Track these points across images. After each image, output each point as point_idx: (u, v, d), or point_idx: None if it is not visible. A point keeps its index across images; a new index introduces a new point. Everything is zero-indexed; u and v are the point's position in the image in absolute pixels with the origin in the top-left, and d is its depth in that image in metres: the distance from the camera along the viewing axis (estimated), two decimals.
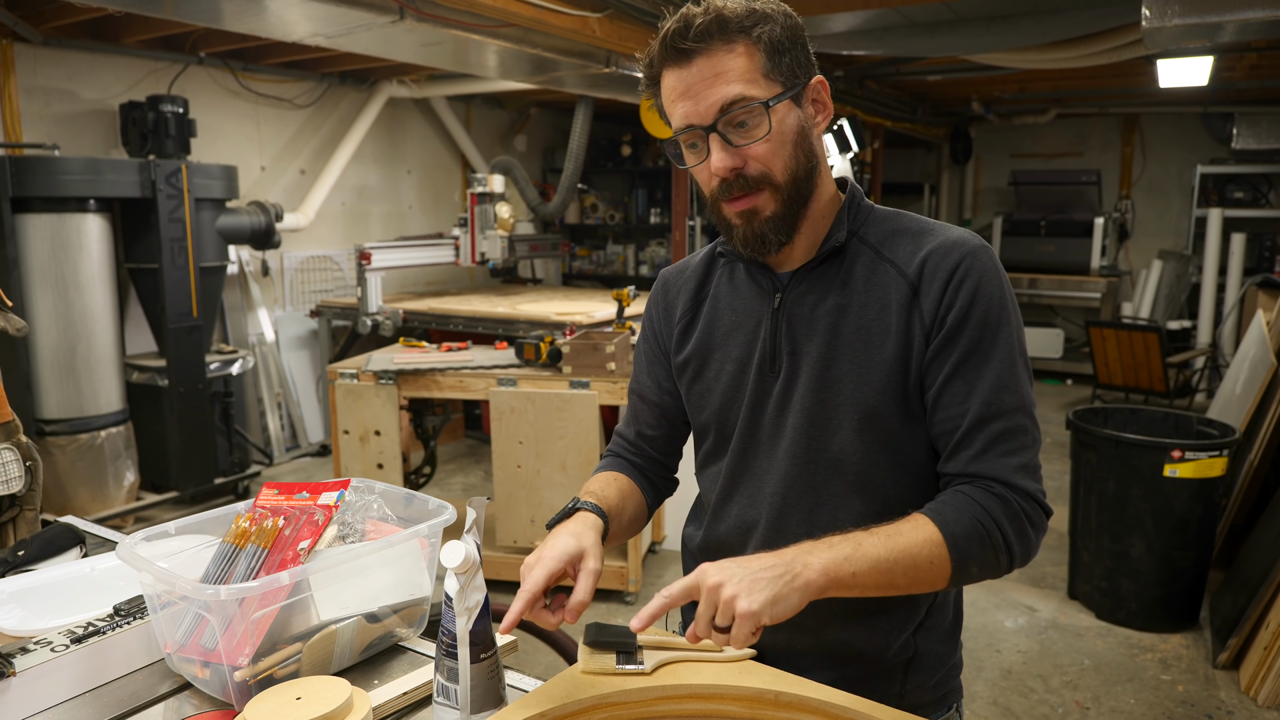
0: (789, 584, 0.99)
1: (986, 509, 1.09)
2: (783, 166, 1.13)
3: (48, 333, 4.34)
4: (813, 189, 1.18)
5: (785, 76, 1.12)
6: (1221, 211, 7.65)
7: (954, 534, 1.07)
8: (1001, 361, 1.13)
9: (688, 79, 1.11)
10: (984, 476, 1.12)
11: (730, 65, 1.09)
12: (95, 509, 4.49)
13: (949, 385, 1.13)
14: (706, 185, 1.17)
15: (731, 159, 1.12)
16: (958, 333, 1.13)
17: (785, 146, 1.13)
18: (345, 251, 6.49)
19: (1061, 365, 8.26)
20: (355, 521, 1.32)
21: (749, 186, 1.14)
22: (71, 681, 1.19)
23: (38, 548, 1.56)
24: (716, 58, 1.09)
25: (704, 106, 1.10)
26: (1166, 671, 3.30)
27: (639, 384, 1.41)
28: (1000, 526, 1.09)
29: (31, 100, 4.67)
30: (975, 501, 1.10)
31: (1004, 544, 1.09)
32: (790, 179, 1.14)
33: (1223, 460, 3.43)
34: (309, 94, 6.15)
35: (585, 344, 3.72)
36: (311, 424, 6.16)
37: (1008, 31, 4.47)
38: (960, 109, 8.70)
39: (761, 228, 1.15)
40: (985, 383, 1.12)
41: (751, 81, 1.10)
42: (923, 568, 1.06)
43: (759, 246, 1.17)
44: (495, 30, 3.73)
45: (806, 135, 1.16)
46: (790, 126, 1.13)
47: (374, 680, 1.23)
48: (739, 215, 1.16)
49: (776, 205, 1.15)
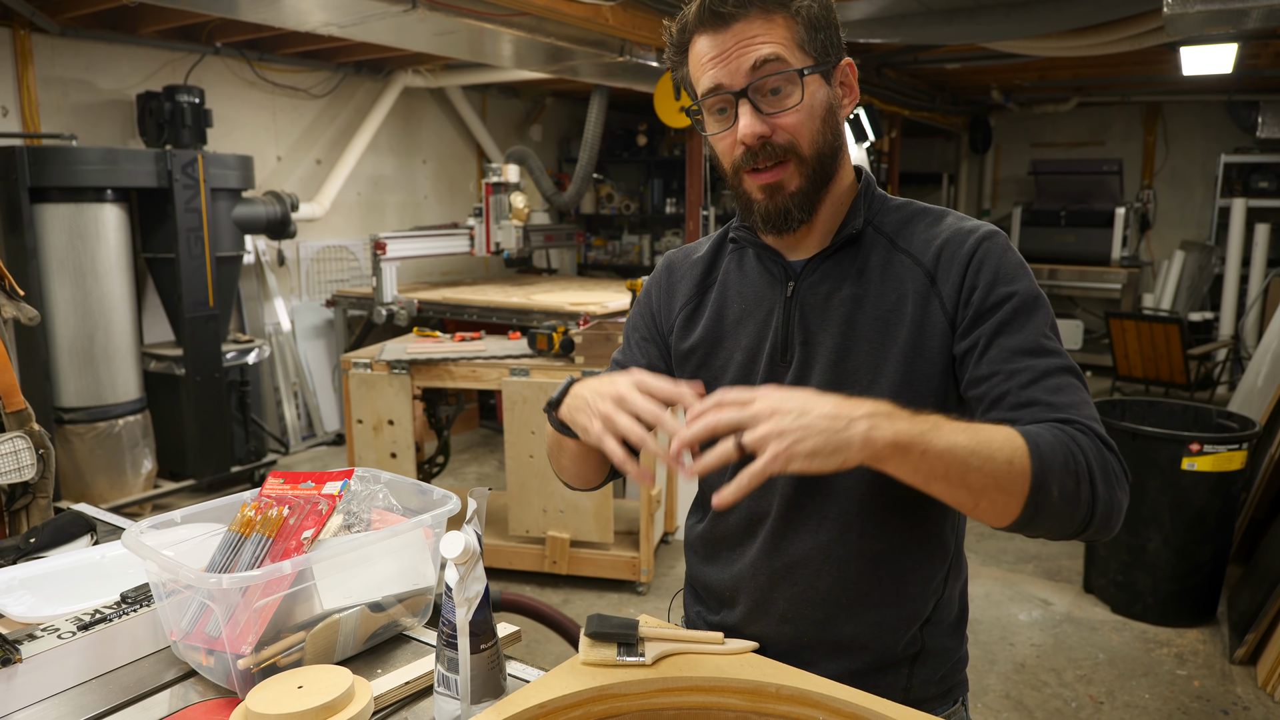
0: (844, 440, 0.91)
1: (1073, 438, 1.00)
2: (810, 139, 1.12)
3: (66, 322, 4.38)
4: (835, 169, 1.17)
5: (819, 52, 1.12)
6: (1245, 201, 7.55)
7: (1038, 445, 0.97)
8: (1038, 329, 1.09)
9: (722, 43, 1.10)
10: (1063, 419, 1.02)
11: (766, 30, 1.09)
12: (113, 497, 4.53)
13: (989, 353, 1.08)
14: (728, 155, 1.15)
15: (760, 125, 1.10)
16: (989, 308, 1.10)
17: (814, 120, 1.12)
18: (361, 241, 6.51)
19: (1081, 357, 8.18)
20: (361, 511, 1.33)
21: (775, 156, 1.12)
22: (78, 668, 1.20)
23: (49, 535, 1.58)
24: (755, 24, 1.09)
25: (736, 69, 1.09)
26: (1182, 666, 3.27)
27: (627, 358, 1.37)
28: (1087, 458, 0.99)
29: (49, 91, 4.70)
30: (1061, 430, 1.01)
31: (1089, 476, 0.99)
32: (816, 154, 1.13)
33: (1242, 454, 3.39)
34: (324, 84, 6.16)
35: (598, 334, 3.72)
36: (327, 413, 6.19)
37: (1028, 19, 4.41)
38: (979, 97, 8.62)
39: (785, 202, 1.14)
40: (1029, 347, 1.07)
41: (787, 48, 1.09)
42: (1001, 468, 0.95)
43: (781, 222, 1.15)
44: (508, 19, 3.73)
45: (834, 114, 1.15)
46: (820, 101, 1.12)
47: (377, 669, 1.23)
48: (762, 189, 1.14)
49: (801, 180, 1.13)
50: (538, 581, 3.92)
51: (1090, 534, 1.03)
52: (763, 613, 1.25)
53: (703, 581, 1.35)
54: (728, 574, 1.29)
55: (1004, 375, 1.06)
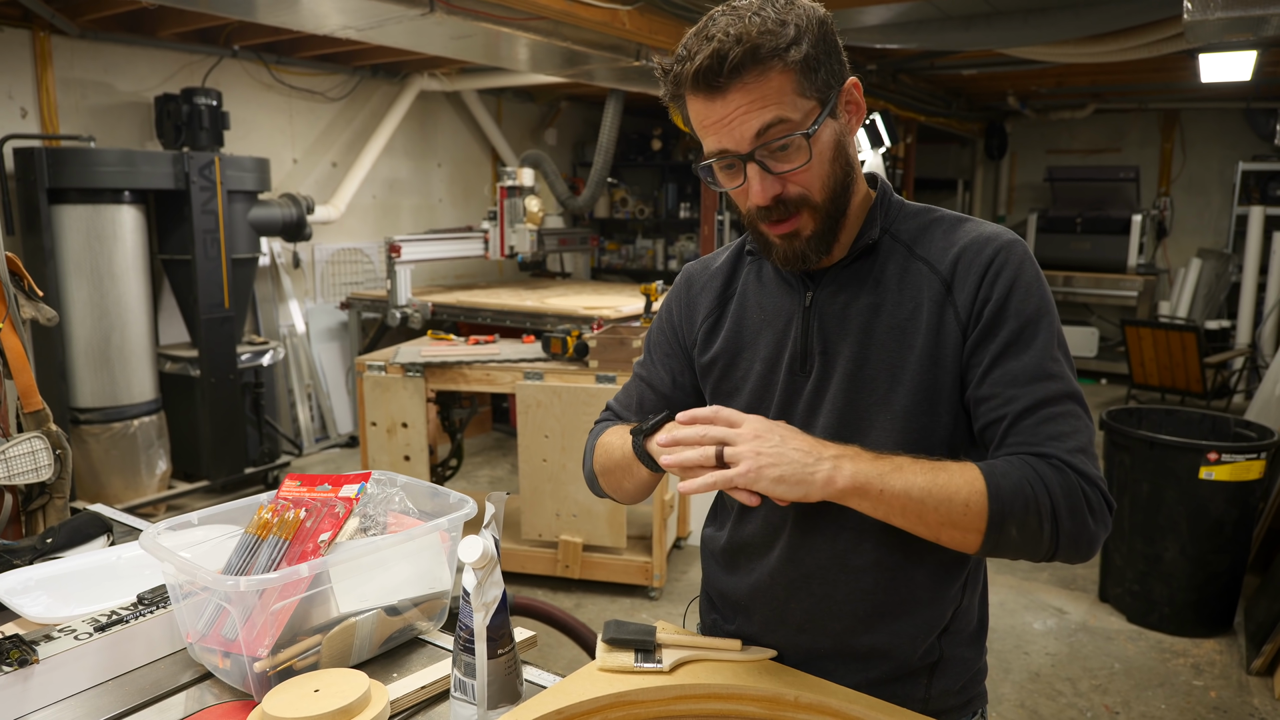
0: (809, 474, 1.01)
1: (1039, 474, 1.04)
2: (821, 186, 1.11)
3: (82, 323, 4.41)
4: (850, 198, 1.16)
5: (820, 91, 1.09)
6: (1264, 209, 7.48)
7: (998, 485, 1.02)
8: (1044, 350, 1.10)
9: (722, 109, 1.07)
10: (1045, 455, 1.06)
11: (765, 92, 1.06)
12: (128, 497, 4.55)
13: (991, 374, 1.10)
14: (743, 203, 1.15)
15: (772, 186, 1.10)
16: (997, 324, 1.10)
17: (824, 165, 1.11)
18: (375, 244, 6.53)
19: (1096, 364, 8.13)
20: (377, 514, 1.32)
21: (788, 211, 1.12)
22: (94, 669, 1.21)
23: (65, 535, 1.58)
24: (750, 87, 1.06)
25: (740, 136, 1.07)
26: (1199, 677, 3.24)
27: (650, 373, 1.38)
28: (1051, 495, 1.03)
29: (68, 92, 4.73)
30: (1029, 465, 1.05)
31: (1051, 514, 1.02)
32: (829, 197, 1.12)
33: (1260, 463, 3.35)
34: (341, 87, 6.19)
35: (612, 338, 3.72)
36: (341, 415, 6.21)
37: (1045, 25, 4.40)
38: (995, 103, 8.58)
39: (803, 248, 1.14)
40: (1030, 371, 1.08)
41: (789, 104, 1.06)
42: (957, 509, 1.02)
43: (799, 263, 1.16)
44: (525, 23, 3.73)
45: (843, 146, 1.13)
46: (827, 144, 1.11)
47: (393, 673, 1.23)
48: (780, 237, 1.15)
49: (816, 224, 1.13)
50: (550, 586, 3.91)
51: (1061, 560, 1.08)
52: (779, 622, 1.24)
53: (719, 590, 1.34)
54: (745, 583, 1.28)
55: (1002, 400, 1.09)
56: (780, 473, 1.01)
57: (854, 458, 1.04)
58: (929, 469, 1.04)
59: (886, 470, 1.03)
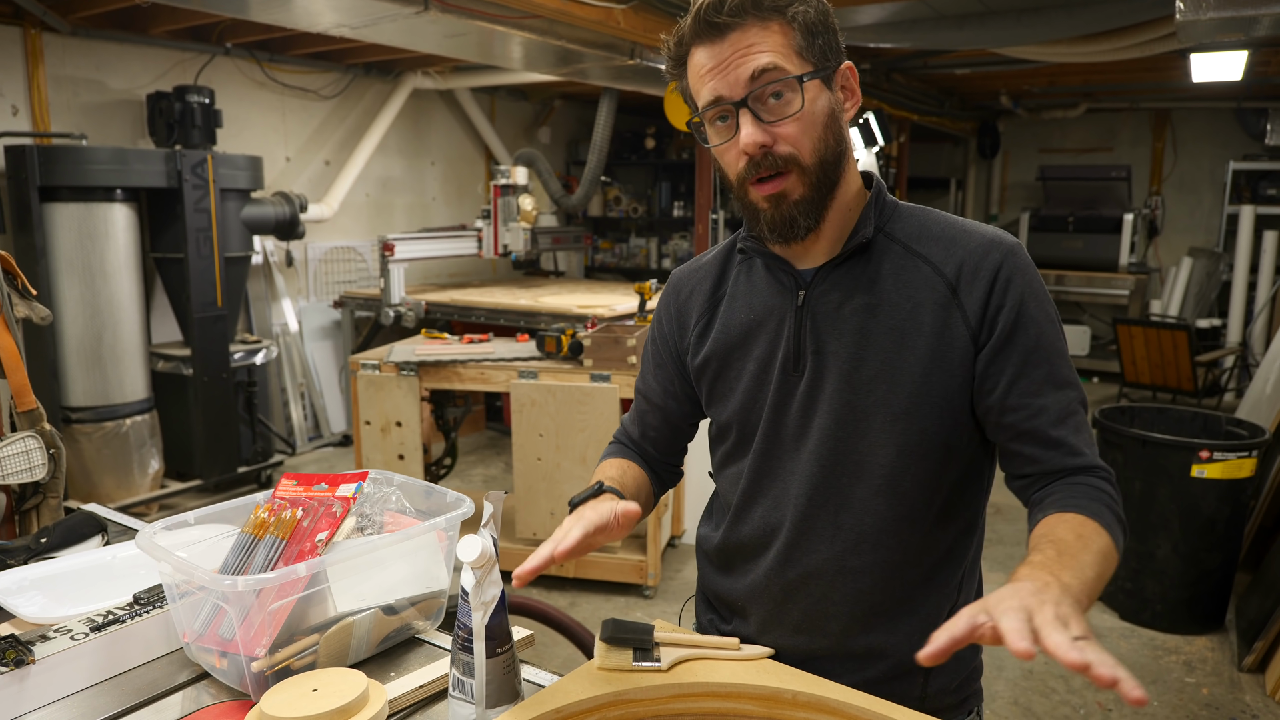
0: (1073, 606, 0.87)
1: (1110, 495, 1.11)
2: (811, 148, 1.11)
3: (74, 321, 4.39)
4: (840, 175, 1.16)
5: (818, 57, 1.11)
6: (1254, 208, 7.52)
7: (1109, 525, 1.08)
8: (1060, 357, 1.15)
9: (719, 54, 1.09)
10: (1087, 467, 1.13)
11: (763, 39, 1.08)
12: (120, 496, 4.53)
13: (1016, 387, 1.12)
14: (733, 167, 1.14)
15: (762, 135, 1.09)
16: (1015, 332, 1.12)
17: (815, 128, 1.11)
18: (369, 242, 6.52)
19: (1088, 363, 8.16)
20: (374, 513, 1.32)
21: (777, 166, 1.11)
22: (91, 669, 1.20)
23: (60, 535, 1.58)
24: (750, 32, 1.08)
25: (735, 79, 1.08)
26: (1191, 674, 3.25)
27: (645, 386, 1.40)
28: (1119, 506, 1.12)
29: (60, 90, 4.71)
30: (1099, 489, 1.11)
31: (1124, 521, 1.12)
32: (818, 161, 1.12)
33: (1252, 461, 3.37)
34: (334, 85, 6.17)
35: (606, 337, 3.72)
36: (334, 414, 6.20)
37: (1038, 24, 4.41)
38: (988, 103, 8.60)
39: (790, 210, 1.13)
40: (1053, 380, 1.13)
41: (785, 56, 1.08)
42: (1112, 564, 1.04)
43: (787, 230, 1.14)
44: (519, 21, 3.73)
45: (836, 119, 1.13)
46: (821, 108, 1.11)
47: (390, 672, 1.23)
48: (766, 199, 1.13)
49: (804, 188, 1.12)
50: (544, 584, 3.91)
51: None
52: (776, 623, 1.25)
53: (715, 590, 1.35)
54: (741, 584, 1.28)
55: (1033, 410, 1.13)
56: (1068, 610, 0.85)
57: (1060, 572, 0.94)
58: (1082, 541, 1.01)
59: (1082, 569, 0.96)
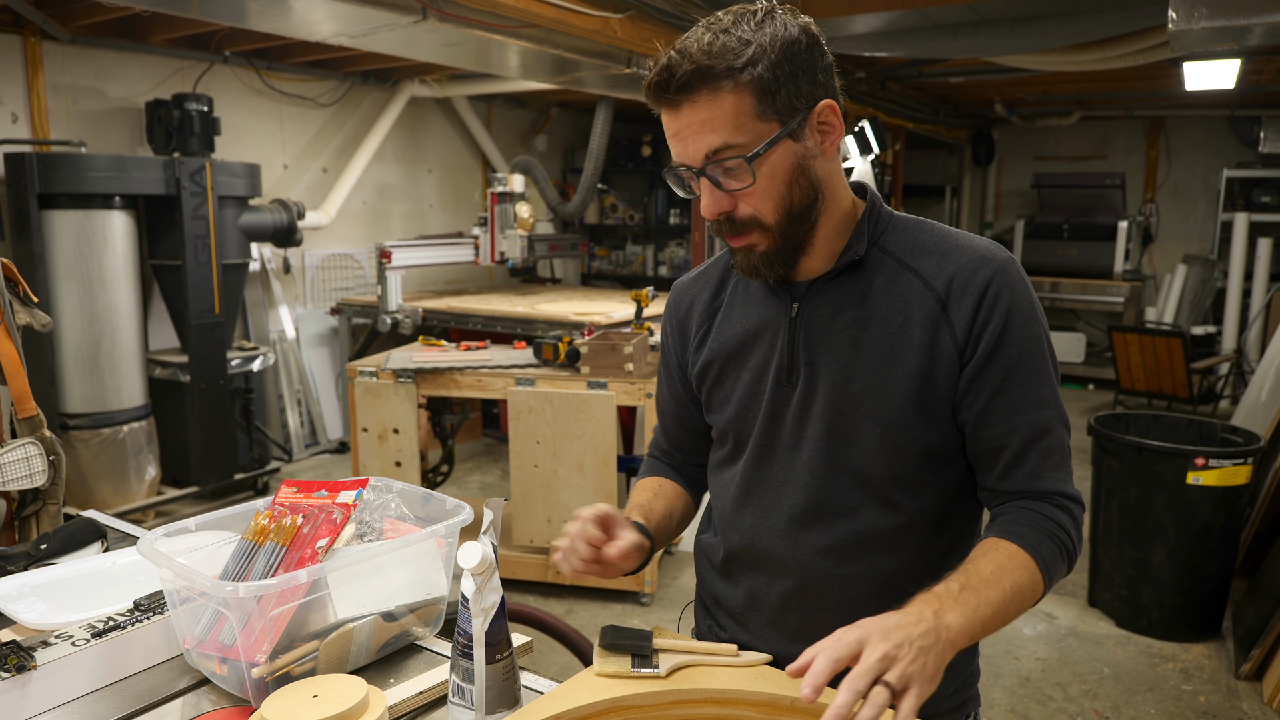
0: (943, 654, 0.96)
1: (1060, 524, 1.13)
2: (773, 208, 1.11)
3: (72, 328, 4.39)
4: (815, 219, 1.15)
5: (781, 113, 1.08)
6: (1248, 216, 7.56)
7: (1043, 558, 1.11)
8: (1042, 376, 1.15)
9: (676, 123, 1.10)
10: (1047, 492, 1.15)
11: (715, 113, 1.06)
12: (117, 503, 4.53)
13: (994, 403, 1.14)
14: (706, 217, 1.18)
15: (719, 204, 1.11)
16: (997, 351, 1.13)
17: (776, 187, 1.10)
18: (366, 250, 6.52)
19: (1083, 370, 8.19)
20: (373, 520, 1.33)
21: (738, 229, 1.13)
22: (91, 675, 1.21)
23: (60, 542, 1.58)
24: (701, 105, 1.07)
25: (692, 152, 1.10)
26: (1188, 682, 3.26)
27: (660, 398, 1.44)
28: (1070, 538, 1.14)
29: (59, 98, 4.72)
30: (1048, 518, 1.13)
31: (1073, 551, 1.14)
32: (782, 218, 1.12)
33: (1247, 468, 3.39)
34: (332, 93, 6.19)
35: (603, 344, 3.72)
36: (331, 421, 6.20)
37: (1032, 33, 4.43)
38: (983, 111, 8.64)
39: (757, 262, 1.16)
40: (1031, 400, 1.14)
41: (738, 128, 1.06)
42: (1027, 598, 1.09)
43: (755, 275, 1.18)
44: (517, 31, 3.74)
45: (805, 169, 1.11)
46: (784, 166, 1.10)
47: (390, 679, 1.24)
48: (735, 251, 1.17)
49: (769, 243, 1.14)
50: (541, 592, 3.91)
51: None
52: (774, 631, 1.26)
53: (714, 596, 1.35)
54: (739, 591, 1.29)
55: (1006, 429, 1.14)
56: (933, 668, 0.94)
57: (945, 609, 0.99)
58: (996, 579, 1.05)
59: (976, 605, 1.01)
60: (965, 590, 1.02)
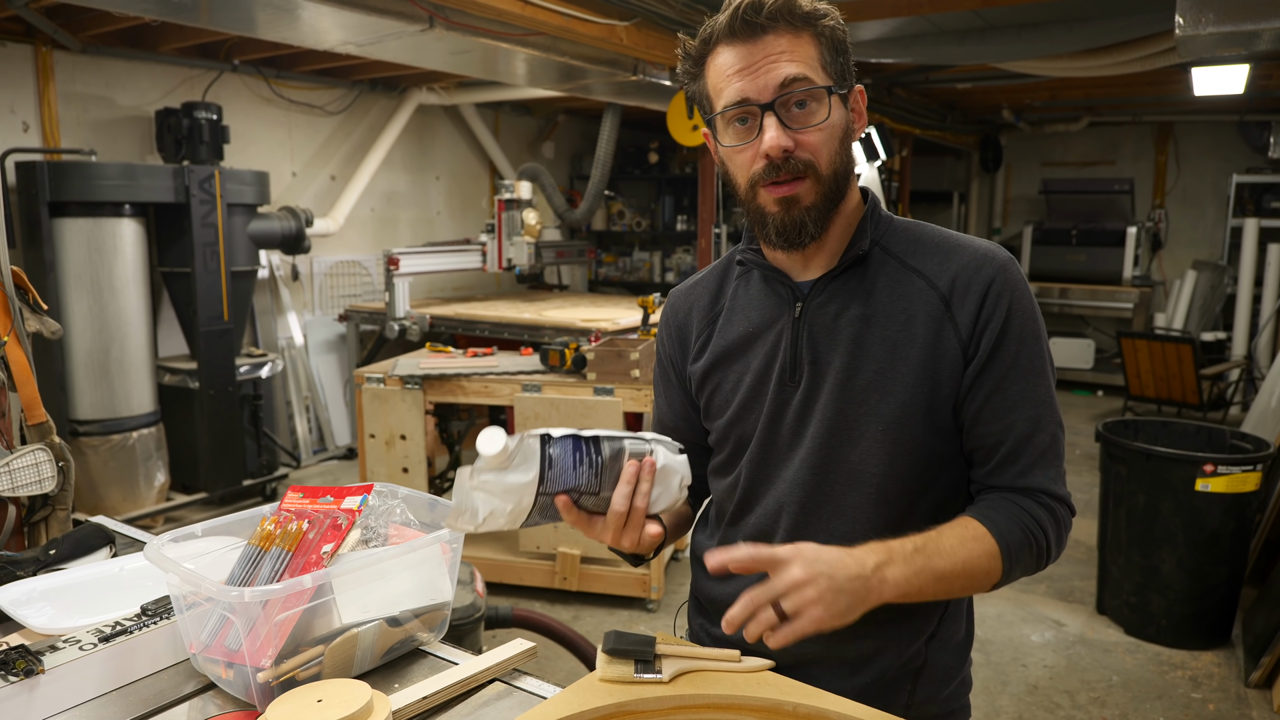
0: (862, 601, 1.02)
1: (1037, 520, 1.14)
2: (829, 159, 1.14)
3: (82, 335, 4.42)
4: (847, 189, 1.19)
5: (838, 75, 1.14)
6: (1258, 221, 7.53)
7: (1009, 544, 1.12)
8: (1039, 375, 1.15)
9: (750, 55, 1.11)
10: (1033, 489, 1.16)
11: (795, 48, 1.11)
12: (126, 509, 4.55)
13: (991, 401, 1.15)
14: (745, 169, 1.15)
15: (785, 139, 1.11)
16: (998, 348, 1.14)
17: (833, 140, 1.14)
18: (374, 257, 6.55)
19: (1092, 376, 8.16)
20: (378, 526, 1.33)
21: (794, 171, 1.12)
22: (99, 680, 1.21)
23: (68, 547, 1.59)
24: (783, 39, 1.10)
25: (764, 83, 1.10)
26: (1197, 690, 3.24)
27: (659, 410, 1.43)
28: (1046, 535, 1.15)
29: (70, 107, 4.76)
30: (1026, 512, 1.14)
31: (1046, 549, 1.15)
32: (833, 173, 1.14)
33: (1256, 475, 3.37)
34: (340, 101, 6.22)
35: (610, 351, 3.73)
36: (339, 427, 6.21)
37: (1039, 39, 4.43)
38: (990, 116, 8.63)
39: (801, 215, 1.14)
40: (1027, 399, 1.15)
41: (812, 68, 1.11)
42: (979, 578, 1.11)
43: (795, 234, 1.16)
44: (523, 38, 3.76)
45: (848, 136, 1.17)
46: (839, 122, 1.14)
47: (394, 684, 1.24)
48: (778, 202, 1.14)
49: (816, 196, 1.14)
50: (547, 598, 3.92)
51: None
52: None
53: (709, 595, 1.36)
54: (735, 590, 1.29)
55: (1002, 426, 1.16)
56: (845, 607, 1.01)
57: (891, 562, 1.05)
58: (951, 550, 1.09)
59: (921, 567, 1.06)
60: (917, 552, 1.06)
